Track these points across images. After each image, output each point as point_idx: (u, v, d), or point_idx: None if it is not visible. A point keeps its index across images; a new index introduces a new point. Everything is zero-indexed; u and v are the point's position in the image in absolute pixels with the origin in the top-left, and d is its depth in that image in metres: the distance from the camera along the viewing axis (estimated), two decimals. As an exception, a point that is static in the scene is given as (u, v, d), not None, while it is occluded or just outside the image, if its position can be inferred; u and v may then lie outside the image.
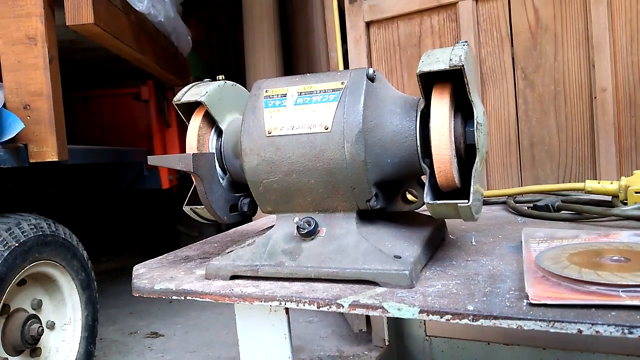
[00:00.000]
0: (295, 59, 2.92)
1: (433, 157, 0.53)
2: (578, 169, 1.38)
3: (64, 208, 2.39)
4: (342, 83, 0.58)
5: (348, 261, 0.54)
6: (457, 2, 1.48)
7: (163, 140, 2.39)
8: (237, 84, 0.72)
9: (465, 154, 0.56)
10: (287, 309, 0.56)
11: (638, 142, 1.31)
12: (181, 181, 2.51)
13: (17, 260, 1.15)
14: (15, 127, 1.16)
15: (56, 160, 1.25)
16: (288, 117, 0.58)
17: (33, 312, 1.29)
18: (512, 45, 1.44)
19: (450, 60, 0.52)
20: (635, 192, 0.80)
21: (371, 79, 0.58)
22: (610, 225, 0.73)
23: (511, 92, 1.44)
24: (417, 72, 0.53)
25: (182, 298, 0.57)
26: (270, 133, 0.59)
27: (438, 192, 0.56)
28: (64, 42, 1.41)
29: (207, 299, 0.55)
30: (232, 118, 0.68)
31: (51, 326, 1.35)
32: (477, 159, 0.54)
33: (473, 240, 0.69)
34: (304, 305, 0.50)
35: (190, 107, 0.67)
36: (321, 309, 0.50)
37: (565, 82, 1.38)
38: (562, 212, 0.80)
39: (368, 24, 1.62)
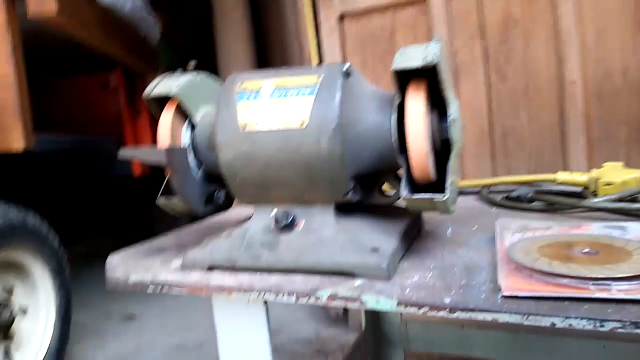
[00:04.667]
0: (269, 49, 2.89)
1: (409, 152, 0.54)
2: (549, 158, 1.41)
3: (34, 195, 2.32)
4: (317, 78, 0.57)
5: (326, 253, 0.54)
6: (429, -6, 1.48)
7: (134, 128, 2.34)
8: (211, 75, 0.70)
9: (441, 149, 0.57)
10: (265, 301, 0.56)
11: (606, 132, 1.35)
12: (153, 168, 2.46)
13: (-14, 249, 1.12)
14: (-22, 117, 1.11)
15: (21, 148, 1.21)
16: (263, 111, 0.58)
17: (4, 298, 1.27)
18: (483, 39, 1.45)
19: (425, 57, 0.52)
20: (605, 185, 0.82)
21: (346, 74, 0.58)
22: (581, 216, 0.75)
23: (483, 86, 1.46)
24: (392, 69, 0.53)
25: (159, 290, 0.56)
26: (245, 127, 0.58)
27: (414, 186, 0.57)
28: (28, 29, 1.35)
29: (184, 291, 0.55)
30: (205, 110, 0.67)
31: (24, 312, 1.34)
32: (452, 154, 0.55)
33: (449, 232, 0.69)
34: (282, 297, 0.50)
35: (161, 101, 0.65)
36: (300, 300, 0.50)
37: (535, 75, 1.41)
38: (535, 202, 0.81)
39: (342, 16, 1.61)
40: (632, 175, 0.82)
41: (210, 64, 3.09)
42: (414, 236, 0.66)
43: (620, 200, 0.78)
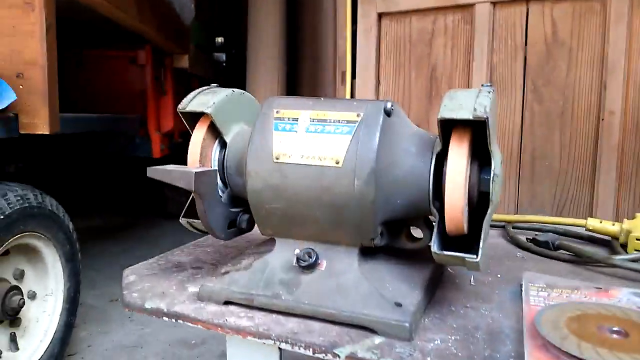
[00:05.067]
0: (301, 38, 2.82)
1: (445, 206, 0.52)
2: (576, 188, 1.37)
3: (52, 175, 2.33)
4: (357, 115, 0.55)
5: (347, 303, 0.53)
6: (475, 3, 1.43)
7: (157, 107, 2.33)
8: (246, 92, 0.69)
9: (477, 201, 0.54)
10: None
11: (638, 169, 1.30)
12: (173, 150, 2.46)
13: (1, 233, 1.12)
14: (7, 97, 1.10)
15: (47, 133, 1.20)
16: (298, 144, 0.56)
17: (15, 282, 1.26)
18: (525, 56, 1.40)
19: (475, 110, 0.49)
20: (637, 239, 0.79)
21: (388, 113, 0.55)
22: (608, 272, 0.72)
23: (519, 104, 1.41)
24: (439, 117, 0.51)
25: (174, 321, 0.55)
26: (278, 159, 0.56)
27: (445, 237, 0.55)
28: (60, 1, 1.33)
29: (199, 326, 0.54)
30: (238, 129, 0.65)
31: (32, 296, 1.33)
32: (489, 211, 0.53)
33: (472, 280, 0.67)
34: (299, 349, 0.49)
35: (195, 115, 0.64)
36: (316, 354, 0.49)
37: (574, 99, 1.36)
38: (561, 251, 0.79)
39: (380, 15, 1.56)
40: (667, 232, 0.79)
41: (239, 43, 3.06)
42: (437, 283, 0.64)
43: (652, 259, 0.75)
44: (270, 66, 2.28)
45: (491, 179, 0.52)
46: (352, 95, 1.63)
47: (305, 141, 0.56)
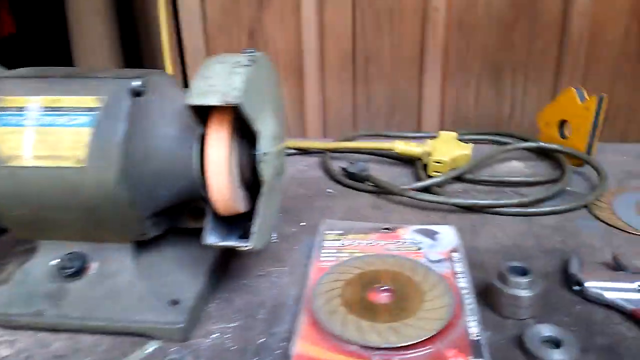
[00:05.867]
0: None
1: (212, 197, 0.48)
2: (406, 88, 1.41)
3: None
4: (97, 100, 0.47)
5: (119, 309, 0.49)
6: None
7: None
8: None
9: (255, 178, 0.51)
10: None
11: (460, 64, 1.36)
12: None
13: None
14: None
15: None
16: (28, 142, 0.46)
17: None
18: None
19: (224, 94, 0.44)
20: (434, 162, 0.83)
21: (138, 93, 0.47)
22: (407, 203, 0.75)
23: (349, 5, 1.35)
24: (186, 103, 0.44)
25: None
26: (7, 163, 0.47)
27: (225, 218, 0.52)
28: None
29: (-51, 362, 0.47)
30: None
31: None
32: (263, 190, 0.50)
33: (274, 235, 0.66)
34: (63, 374, 0.46)
35: None
36: (83, 377, 0.46)
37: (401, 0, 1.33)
38: (368, 183, 0.81)
39: None
40: (462, 152, 0.85)
41: None
42: (232, 253, 0.62)
43: (446, 182, 0.80)
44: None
45: (259, 159, 0.48)
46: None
47: (37, 138, 0.46)
